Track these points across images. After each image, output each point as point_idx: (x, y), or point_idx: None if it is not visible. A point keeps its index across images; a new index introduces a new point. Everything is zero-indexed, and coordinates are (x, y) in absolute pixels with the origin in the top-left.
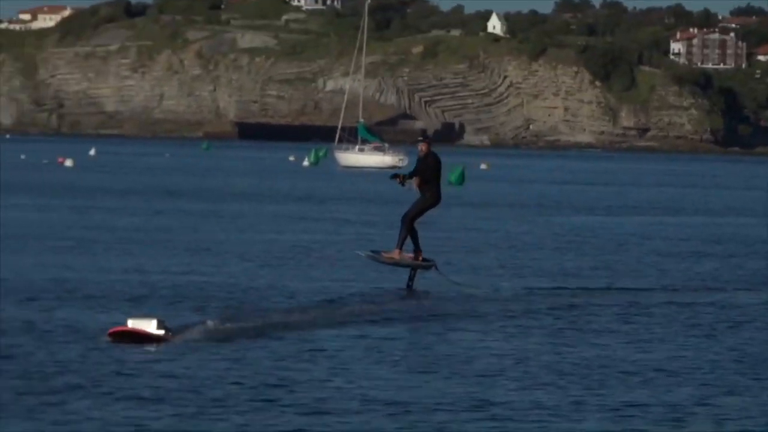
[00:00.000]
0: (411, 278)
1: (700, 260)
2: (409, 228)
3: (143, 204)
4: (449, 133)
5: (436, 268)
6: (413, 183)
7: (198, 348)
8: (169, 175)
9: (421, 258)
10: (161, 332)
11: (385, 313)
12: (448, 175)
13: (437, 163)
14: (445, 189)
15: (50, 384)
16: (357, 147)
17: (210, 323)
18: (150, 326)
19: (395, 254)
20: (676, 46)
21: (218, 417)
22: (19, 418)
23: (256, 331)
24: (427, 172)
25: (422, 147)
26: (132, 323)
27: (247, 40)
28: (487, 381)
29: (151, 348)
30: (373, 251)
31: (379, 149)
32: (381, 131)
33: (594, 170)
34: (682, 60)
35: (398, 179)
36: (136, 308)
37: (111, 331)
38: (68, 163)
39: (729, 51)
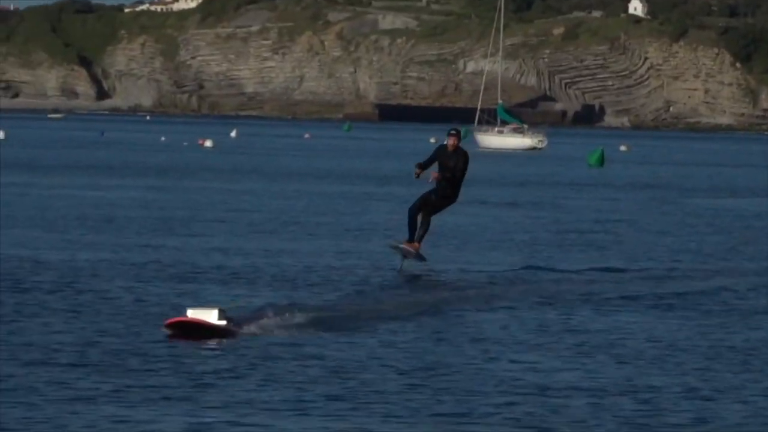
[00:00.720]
0: (401, 265)
1: None
2: (426, 220)
3: (287, 186)
4: (589, 115)
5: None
6: (432, 176)
7: (339, 330)
8: (311, 157)
9: (417, 248)
10: (223, 323)
11: (534, 294)
12: (587, 156)
13: (467, 161)
14: (584, 170)
15: (199, 369)
16: (496, 129)
17: (271, 313)
18: (211, 316)
19: (412, 248)
20: None
21: (368, 399)
22: (177, 403)
23: (388, 314)
24: (457, 168)
25: (453, 141)
26: (192, 313)
27: (388, 21)
28: (640, 364)
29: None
30: (397, 240)
31: (518, 131)
32: (520, 113)
33: (735, 152)
34: None
35: (419, 169)
36: (281, 291)
37: (168, 322)
38: (208, 144)
39: None
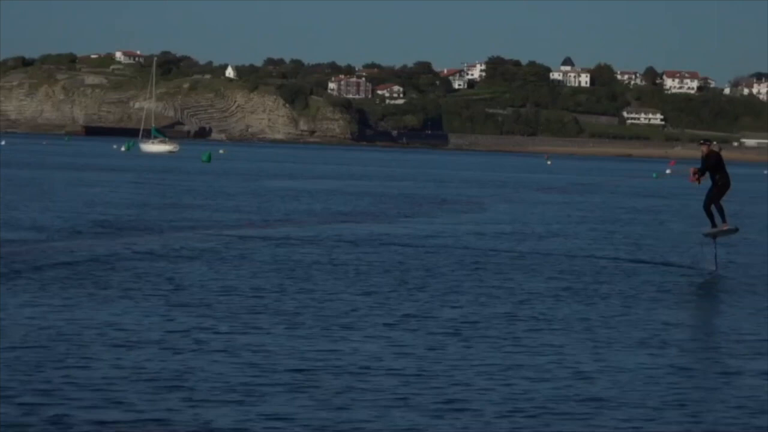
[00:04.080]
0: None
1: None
2: (718, 206)
3: (24, 172)
4: (204, 133)
5: (737, 230)
6: (697, 177)
7: None
8: (46, 156)
9: (726, 227)
10: None
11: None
12: (201, 155)
13: (719, 157)
14: (198, 164)
15: None
16: (150, 141)
17: None
18: None
19: (724, 227)
20: (332, 85)
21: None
22: None
23: None
24: (712, 166)
25: (704, 148)
26: None
27: (91, 79)
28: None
29: None
30: (711, 230)
31: (162, 142)
32: (165, 131)
33: (286, 155)
34: (336, 93)
35: (696, 178)
36: None
37: None
38: None
39: (362, 88)
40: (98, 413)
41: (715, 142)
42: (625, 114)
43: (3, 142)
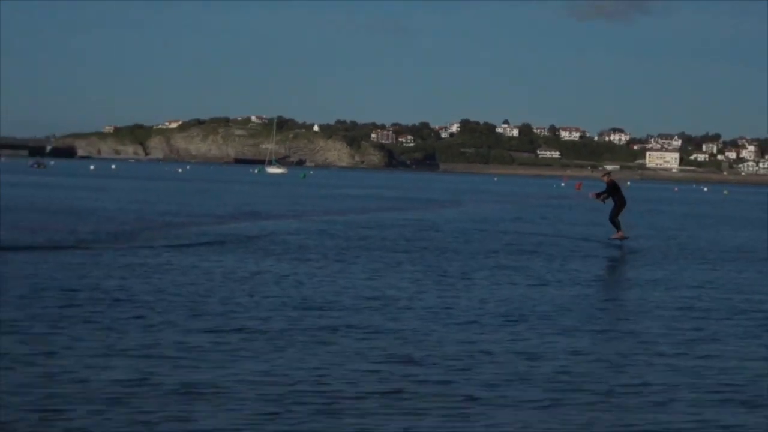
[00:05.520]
0: (621, 246)
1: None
2: (616, 221)
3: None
4: (301, 162)
5: (627, 238)
6: (602, 198)
7: None
8: (211, 174)
9: (621, 234)
10: None
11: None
12: (299, 175)
13: (616, 186)
14: (299, 179)
15: None
16: (273, 166)
17: None
18: None
19: (620, 234)
20: (373, 135)
21: None
22: None
23: None
24: (612, 190)
25: (605, 178)
26: None
27: (238, 132)
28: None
29: None
30: (616, 235)
31: (278, 167)
32: (279, 162)
33: (347, 175)
34: (375, 139)
35: (600, 198)
36: None
37: None
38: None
39: (389, 137)
40: (260, 322)
41: (610, 170)
42: (538, 152)
43: (188, 167)
